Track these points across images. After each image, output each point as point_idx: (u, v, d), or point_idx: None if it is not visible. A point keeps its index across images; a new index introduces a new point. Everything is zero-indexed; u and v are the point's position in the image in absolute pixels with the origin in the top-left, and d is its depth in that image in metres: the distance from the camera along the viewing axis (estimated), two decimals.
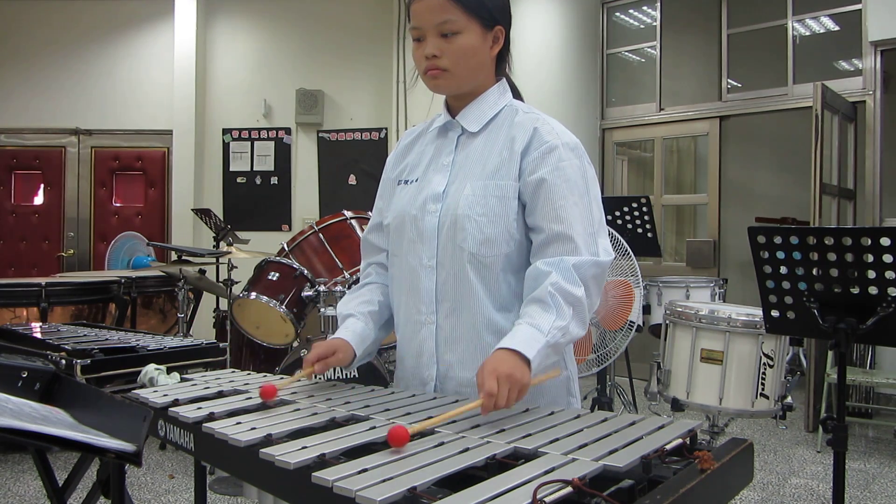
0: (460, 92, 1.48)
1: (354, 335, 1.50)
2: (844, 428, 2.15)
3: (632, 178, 7.18)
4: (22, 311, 4.32)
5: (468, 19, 1.40)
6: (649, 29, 6.45)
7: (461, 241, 1.40)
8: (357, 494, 0.87)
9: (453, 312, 1.42)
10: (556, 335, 1.28)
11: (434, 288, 1.44)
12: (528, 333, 1.27)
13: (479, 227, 1.39)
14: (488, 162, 1.43)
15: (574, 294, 1.31)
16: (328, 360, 1.45)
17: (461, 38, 1.40)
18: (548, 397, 1.43)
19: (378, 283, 1.62)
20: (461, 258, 1.40)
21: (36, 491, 3.36)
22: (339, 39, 6.58)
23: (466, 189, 1.41)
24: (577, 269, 1.33)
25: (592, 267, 1.35)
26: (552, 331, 1.27)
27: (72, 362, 2.91)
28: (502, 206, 1.39)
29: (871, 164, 5.03)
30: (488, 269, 1.40)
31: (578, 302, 1.31)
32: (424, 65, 1.43)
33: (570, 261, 1.33)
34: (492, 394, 1.17)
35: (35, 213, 6.84)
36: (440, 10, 1.39)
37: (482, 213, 1.39)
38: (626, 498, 0.89)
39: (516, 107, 1.50)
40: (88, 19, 6.72)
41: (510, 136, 1.44)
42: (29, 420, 1.03)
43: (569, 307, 1.30)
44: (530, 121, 1.44)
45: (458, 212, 1.40)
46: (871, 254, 2.08)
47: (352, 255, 3.94)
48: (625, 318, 3.42)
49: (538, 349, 1.25)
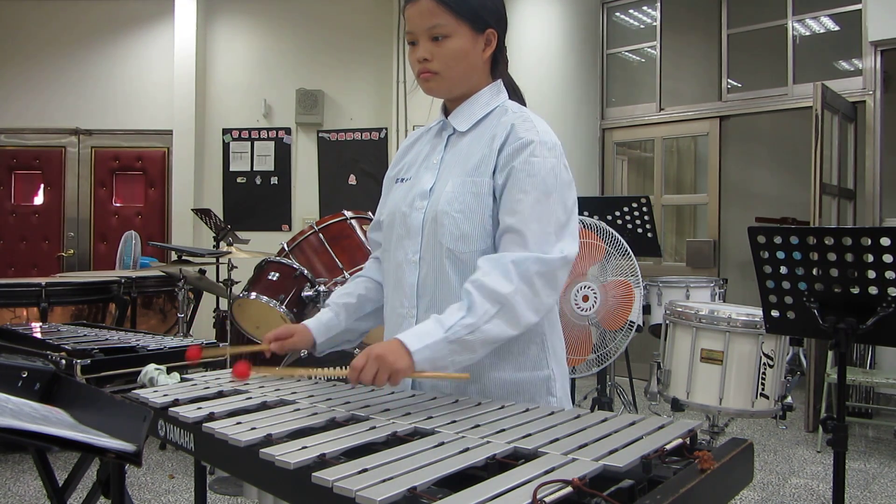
0: (452, 94, 1.50)
1: (318, 323, 1.59)
2: (844, 428, 2.15)
3: (632, 178, 7.18)
4: (22, 311, 4.32)
5: (458, 23, 1.42)
6: (649, 29, 6.45)
7: (441, 237, 1.42)
8: (357, 494, 0.87)
9: (432, 306, 1.44)
10: (460, 332, 1.27)
11: (416, 283, 1.47)
12: (426, 327, 1.30)
13: (456, 223, 1.41)
14: (470, 159, 1.45)
15: (498, 291, 1.28)
16: (284, 343, 1.55)
17: (451, 41, 1.42)
18: (524, 396, 1.44)
19: (366, 276, 1.68)
20: (440, 253, 1.43)
21: (36, 491, 3.36)
22: (339, 40, 6.58)
23: (448, 186, 1.44)
24: (517, 265, 1.30)
25: (535, 263, 1.31)
26: (455, 327, 1.27)
27: (72, 362, 2.91)
28: (478, 203, 1.41)
29: (871, 164, 5.03)
30: (465, 265, 1.41)
31: (504, 299, 1.28)
32: (417, 68, 1.46)
33: (509, 257, 1.31)
34: (355, 368, 1.27)
35: (35, 213, 6.84)
36: (430, 14, 1.41)
37: (459, 210, 1.41)
38: (626, 498, 0.89)
39: (507, 107, 1.50)
40: (89, 19, 6.72)
41: (493, 133, 1.45)
42: (29, 420, 1.03)
43: (491, 304, 1.28)
44: (512, 119, 1.45)
45: (439, 208, 1.42)
46: (871, 254, 2.08)
47: (352, 254, 3.94)
48: (625, 318, 3.42)
49: (427, 343, 1.26)
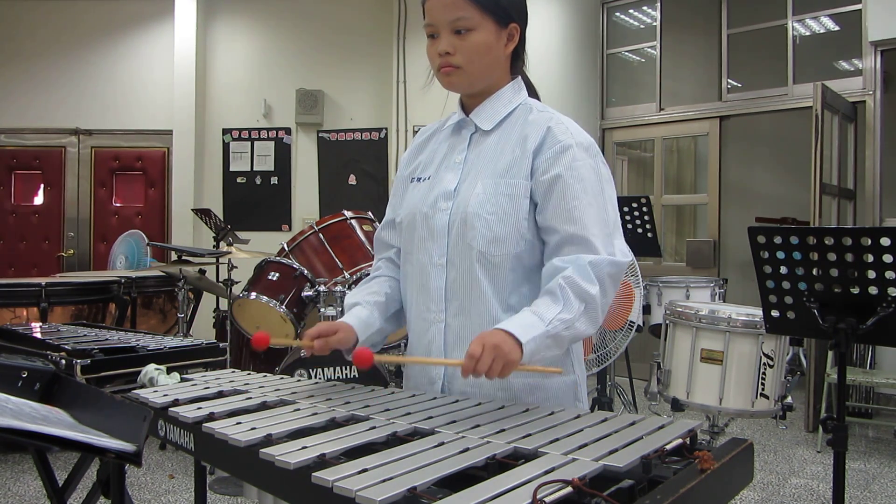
0: (473, 90, 1.46)
1: (358, 320, 1.48)
2: (844, 428, 2.15)
3: (632, 178, 7.19)
4: (22, 311, 4.32)
5: (482, 16, 1.38)
6: (649, 29, 6.45)
7: (471, 240, 1.38)
8: (357, 494, 0.87)
9: (462, 311, 1.41)
10: (559, 326, 1.26)
11: (444, 286, 1.42)
12: (528, 319, 1.27)
13: (489, 225, 1.37)
14: (500, 160, 1.41)
15: (587, 291, 1.29)
16: (329, 339, 1.41)
17: (475, 35, 1.38)
18: (553, 401, 1.41)
19: (388, 276, 1.60)
20: (470, 257, 1.38)
21: (36, 491, 3.35)
22: (339, 39, 6.58)
23: (478, 187, 1.39)
24: (594, 266, 1.31)
25: (609, 266, 1.32)
26: (554, 321, 1.26)
27: (72, 362, 2.91)
28: (512, 205, 1.37)
29: (871, 164, 5.03)
30: (497, 269, 1.38)
31: (591, 299, 1.29)
32: (438, 62, 1.41)
33: (586, 258, 1.31)
34: (473, 356, 1.19)
35: (35, 213, 6.84)
36: (454, 7, 1.37)
37: (492, 212, 1.37)
38: (626, 498, 0.89)
39: (531, 105, 1.47)
40: (89, 19, 6.72)
41: (523, 134, 1.42)
42: (29, 420, 1.03)
43: (580, 302, 1.29)
44: (544, 119, 1.42)
45: (469, 210, 1.38)
46: (871, 254, 2.08)
47: (352, 254, 3.94)
48: (625, 318, 3.42)
49: (534, 336, 1.24)
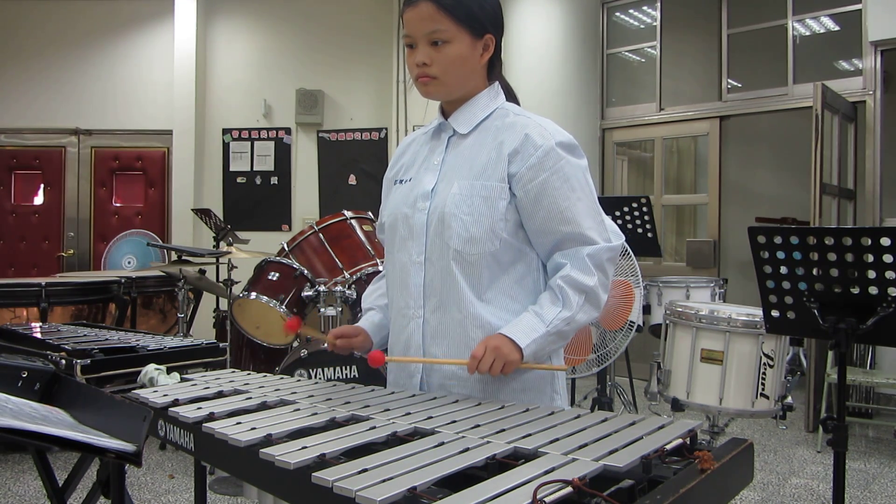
0: (451, 98, 1.51)
1: (373, 325, 1.62)
2: (844, 428, 2.15)
3: (632, 178, 7.18)
4: (22, 311, 4.32)
5: (458, 29, 1.42)
6: (649, 29, 6.44)
7: (447, 239, 1.43)
8: (357, 494, 0.87)
9: (440, 308, 1.45)
10: (559, 325, 1.39)
11: (422, 283, 1.47)
12: (528, 323, 1.39)
13: (465, 225, 1.42)
14: (476, 162, 1.46)
15: (585, 283, 1.40)
16: (351, 341, 1.56)
17: (450, 47, 1.43)
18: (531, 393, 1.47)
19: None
20: (447, 255, 1.43)
21: (36, 491, 3.35)
22: (339, 40, 6.58)
23: (454, 187, 1.44)
24: (592, 257, 1.42)
25: (606, 252, 1.43)
26: (555, 321, 1.39)
27: (72, 362, 2.91)
28: (487, 206, 1.42)
29: (871, 164, 5.02)
30: (472, 267, 1.43)
31: (590, 290, 1.41)
32: (416, 72, 1.47)
33: (584, 251, 1.42)
34: (476, 356, 1.35)
35: (35, 213, 6.84)
36: (430, 19, 1.42)
37: (468, 213, 1.42)
38: (626, 498, 0.89)
39: (507, 109, 1.51)
40: (89, 19, 6.72)
41: (499, 138, 1.46)
42: (29, 420, 1.03)
43: (578, 296, 1.40)
44: (520, 125, 1.46)
45: (446, 210, 1.43)
46: (871, 254, 2.08)
47: (352, 254, 3.94)
48: (625, 318, 3.41)
49: (534, 338, 1.37)
